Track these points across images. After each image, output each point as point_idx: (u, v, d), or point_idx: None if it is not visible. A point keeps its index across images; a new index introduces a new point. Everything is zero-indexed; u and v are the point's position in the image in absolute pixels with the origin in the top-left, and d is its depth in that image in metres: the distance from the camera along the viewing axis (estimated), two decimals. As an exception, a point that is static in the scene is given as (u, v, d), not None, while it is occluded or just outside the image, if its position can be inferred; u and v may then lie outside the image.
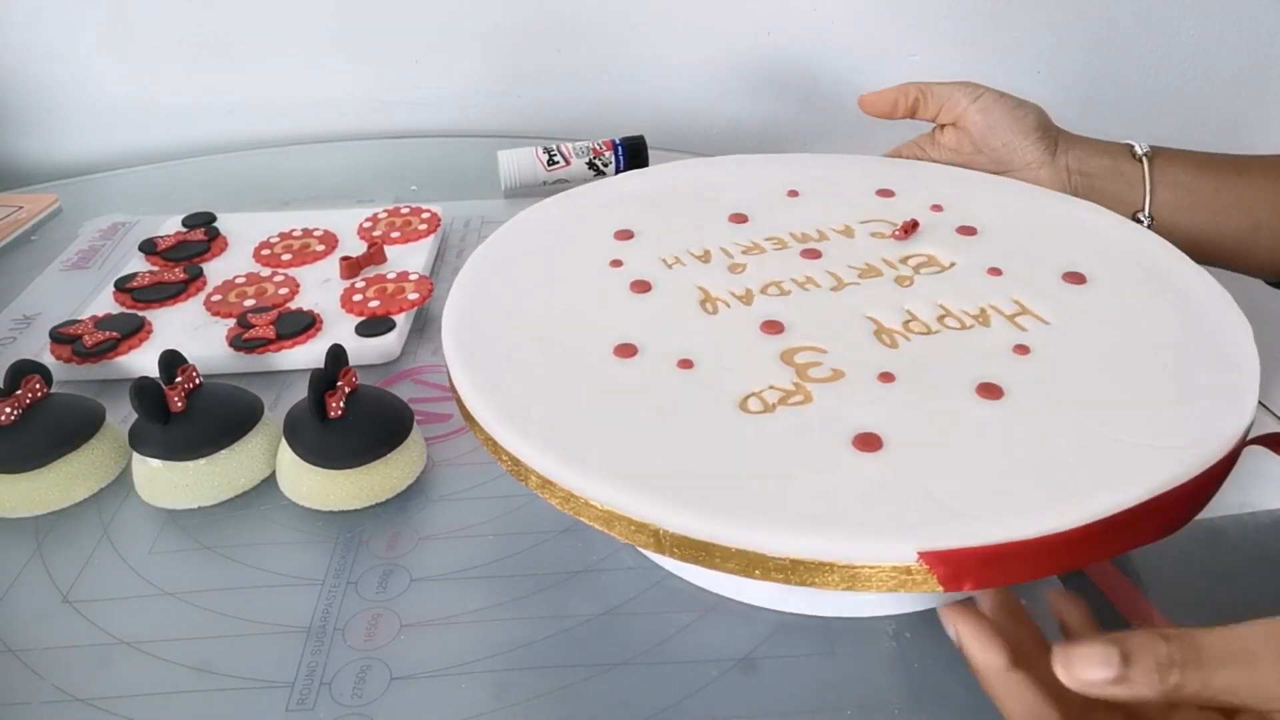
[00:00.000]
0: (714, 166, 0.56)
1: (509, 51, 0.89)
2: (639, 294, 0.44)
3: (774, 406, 0.36)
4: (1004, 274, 0.44)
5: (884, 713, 0.36)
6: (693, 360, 0.39)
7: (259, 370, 0.56)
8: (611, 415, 0.37)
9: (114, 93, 0.89)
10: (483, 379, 0.39)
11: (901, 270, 0.45)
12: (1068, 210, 0.50)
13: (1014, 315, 0.41)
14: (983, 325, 0.41)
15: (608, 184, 0.54)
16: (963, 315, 0.41)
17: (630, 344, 0.40)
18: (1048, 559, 0.32)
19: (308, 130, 0.91)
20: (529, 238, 0.49)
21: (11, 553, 0.45)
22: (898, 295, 0.43)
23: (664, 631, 0.40)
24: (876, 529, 0.31)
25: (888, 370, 0.38)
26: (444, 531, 0.45)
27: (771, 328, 0.41)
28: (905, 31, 0.87)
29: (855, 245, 0.47)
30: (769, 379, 0.38)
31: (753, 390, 0.37)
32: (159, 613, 0.41)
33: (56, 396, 0.48)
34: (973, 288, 0.43)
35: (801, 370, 0.38)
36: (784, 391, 0.37)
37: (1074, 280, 0.43)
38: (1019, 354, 0.39)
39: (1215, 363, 0.38)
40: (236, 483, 0.47)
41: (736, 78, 0.90)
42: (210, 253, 0.66)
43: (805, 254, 0.46)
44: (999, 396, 0.36)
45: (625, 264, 0.46)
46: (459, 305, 0.44)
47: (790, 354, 0.39)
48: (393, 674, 0.38)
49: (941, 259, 0.46)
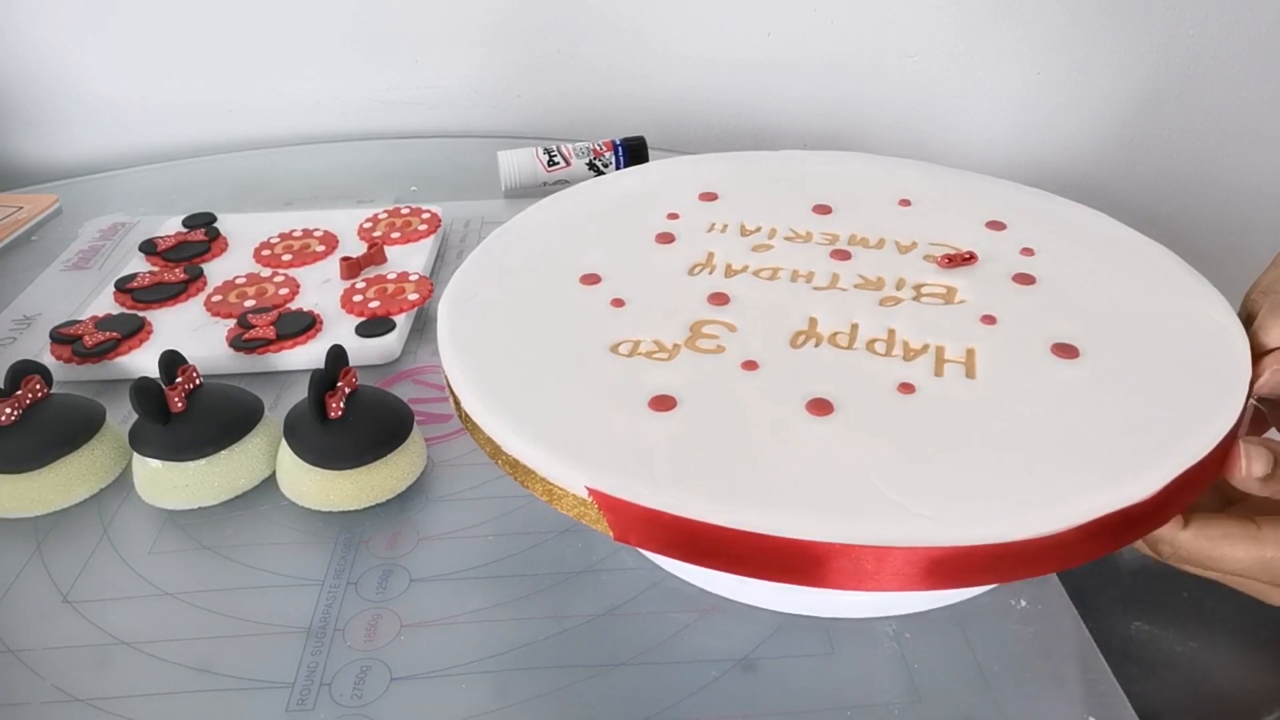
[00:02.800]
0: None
1: (509, 51, 0.89)
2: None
3: (634, 354, 0.39)
4: (996, 323, 0.41)
5: (884, 713, 0.36)
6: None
7: (259, 370, 0.56)
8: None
9: (114, 93, 0.89)
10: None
11: (902, 292, 0.43)
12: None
13: (949, 360, 0.38)
14: (904, 359, 0.39)
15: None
16: (902, 344, 0.39)
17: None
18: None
19: (308, 130, 0.92)
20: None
21: (11, 553, 0.45)
22: (865, 308, 0.41)
23: (664, 631, 0.40)
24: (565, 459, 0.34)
25: (752, 359, 0.38)
26: (444, 531, 0.45)
27: (718, 299, 0.42)
28: (905, 32, 0.87)
29: (888, 257, 0.45)
30: (659, 334, 0.40)
31: (635, 339, 0.39)
32: (159, 613, 0.41)
33: (56, 397, 0.48)
34: (942, 325, 0.40)
35: (694, 333, 0.40)
36: (659, 347, 0.39)
37: (1061, 353, 0.39)
38: (903, 392, 0.37)
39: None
40: (236, 483, 0.47)
41: (736, 78, 0.90)
42: (210, 253, 0.66)
43: (835, 254, 0.46)
44: (824, 413, 0.36)
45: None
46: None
47: (700, 325, 0.40)
48: (393, 674, 0.38)
49: (956, 294, 0.43)
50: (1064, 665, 0.38)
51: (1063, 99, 0.88)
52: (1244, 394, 0.36)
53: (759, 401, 0.36)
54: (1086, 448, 0.34)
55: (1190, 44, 0.85)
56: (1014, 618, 0.40)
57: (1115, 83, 0.88)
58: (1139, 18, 0.84)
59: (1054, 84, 0.88)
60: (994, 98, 0.89)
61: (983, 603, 0.40)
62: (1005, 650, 0.38)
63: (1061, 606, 0.40)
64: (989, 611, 0.40)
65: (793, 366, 0.38)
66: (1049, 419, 0.35)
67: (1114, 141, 0.90)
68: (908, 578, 0.31)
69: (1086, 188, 0.54)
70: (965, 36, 0.87)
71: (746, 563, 0.32)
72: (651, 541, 0.33)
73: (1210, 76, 0.86)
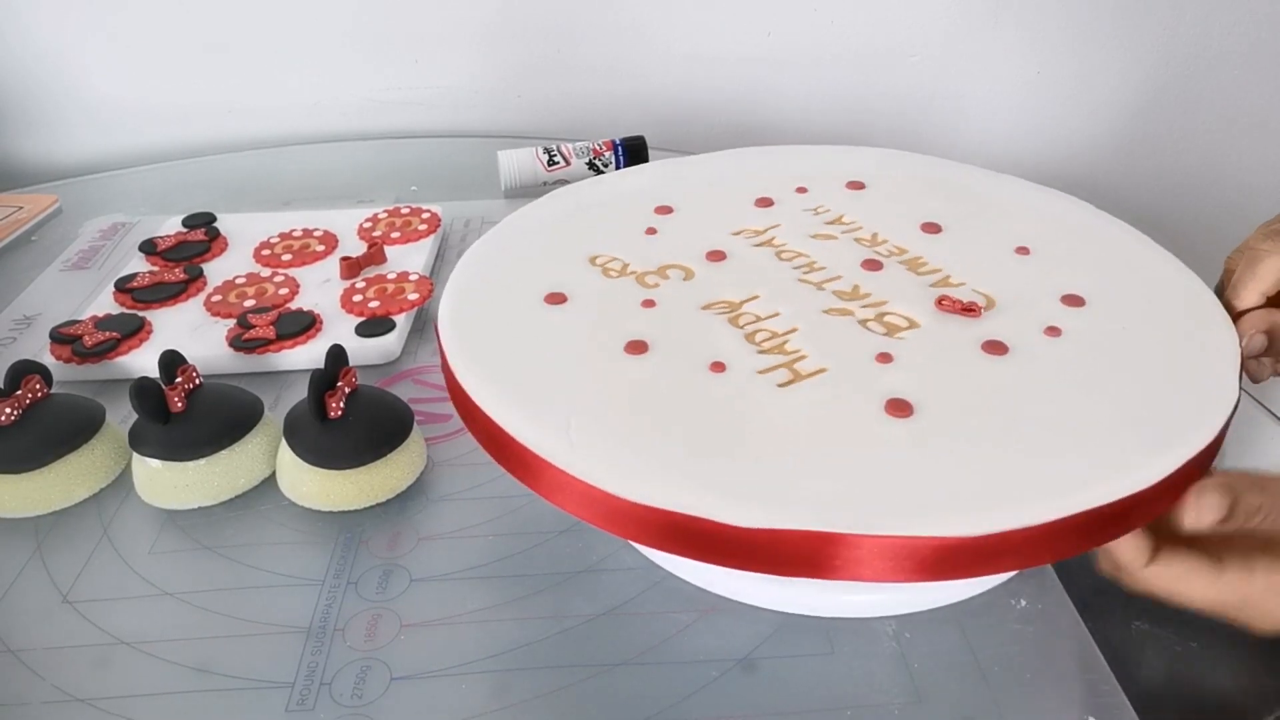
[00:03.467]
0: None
1: (509, 51, 0.89)
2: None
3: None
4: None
5: (884, 713, 0.36)
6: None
7: (259, 370, 0.56)
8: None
9: (114, 93, 0.89)
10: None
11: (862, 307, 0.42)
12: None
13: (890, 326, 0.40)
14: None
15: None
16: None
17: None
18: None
19: (308, 130, 0.92)
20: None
21: (11, 553, 0.45)
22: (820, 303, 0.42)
23: (664, 631, 0.40)
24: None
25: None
26: (444, 531, 0.45)
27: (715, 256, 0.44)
28: (905, 32, 0.87)
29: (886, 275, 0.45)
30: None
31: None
32: (159, 613, 0.41)
33: (56, 397, 0.48)
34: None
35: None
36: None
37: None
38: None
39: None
40: (236, 483, 0.47)
41: (737, 78, 0.90)
42: (210, 253, 0.66)
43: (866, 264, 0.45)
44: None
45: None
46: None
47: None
48: (393, 674, 0.38)
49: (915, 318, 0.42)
50: (1064, 665, 0.38)
51: (1063, 99, 0.88)
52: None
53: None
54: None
55: (1191, 43, 0.85)
56: (1014, 617, 0.40)
57: (1116, 82, 0.88)
58: (1140, 17, 0.84)
59: (1054, 83, 0.88)
60: (994, 97, 0.89)
61: (983, 602, 0.40)
62: (1005, 650, 0.38)
63: (1061, 606, 0.40)
64: (989, 611, 0.40)
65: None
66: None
67: (1114, 140, 0.90)
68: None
69: (1086, 186, 0.54)
70: (965, 36, 0.87)
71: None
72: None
73: (1211, 75, 0.86)
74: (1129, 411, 0.36)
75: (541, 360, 0.39)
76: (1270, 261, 0.41)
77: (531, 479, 0.36)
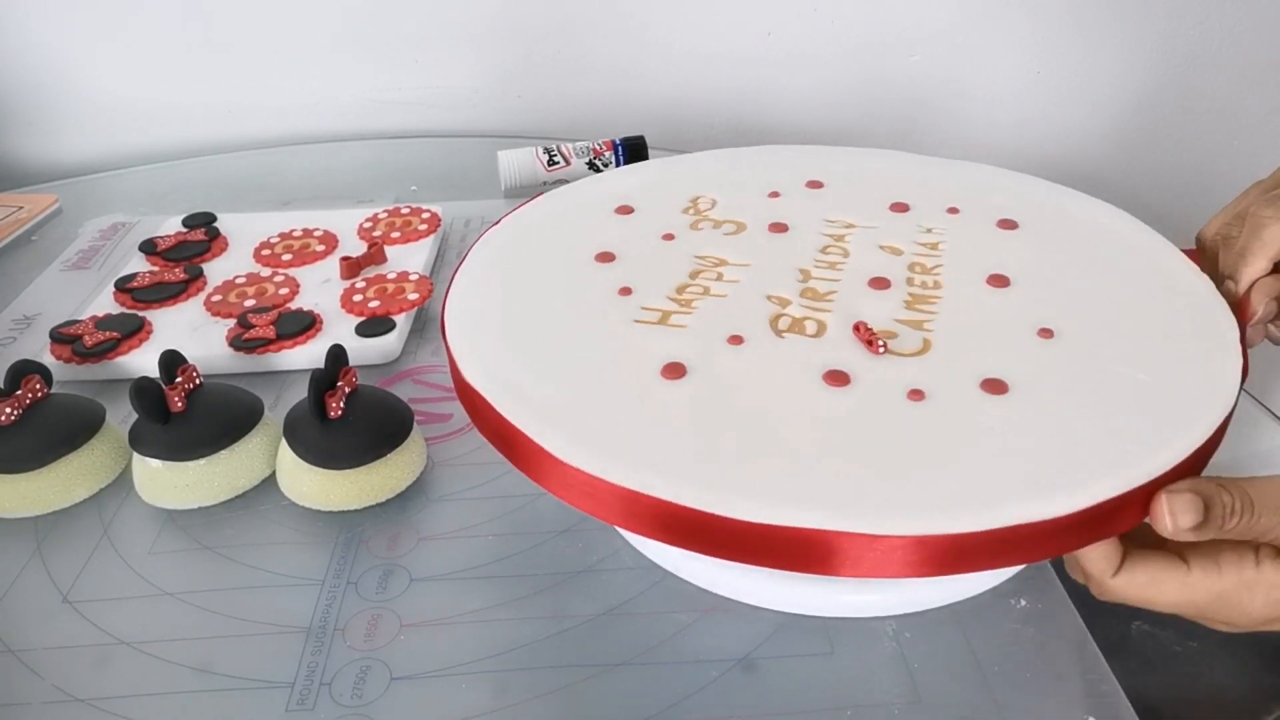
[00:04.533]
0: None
1: (509, 51, 0.89)
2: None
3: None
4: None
5: (884, 713, 0.36)
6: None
7: (259, 370, 0.56)
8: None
9: (114, 93, 0.89)
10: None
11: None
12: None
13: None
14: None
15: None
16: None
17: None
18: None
19: (308, 130, 0.92)
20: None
21: (11, 553, 0.45)
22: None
23: (664, 631, 0.40)
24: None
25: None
26: (444, 531, 0.45)
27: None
28: (905, 32, 0.87)
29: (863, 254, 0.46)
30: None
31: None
32: (159, 613, 0.41)
33: (56, 396, 0.48)
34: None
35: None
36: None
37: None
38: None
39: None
40: (236, 483, 0.47)
41: (736, 78, 0.90)
42: (210, 253, 0.66)
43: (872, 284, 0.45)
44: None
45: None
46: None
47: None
48: (393, 674, 0.38)
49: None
50: (1064, 665, 0.38)
51: (1064, 96, 0.88)
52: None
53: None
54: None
55: (1192, 38, 0.85)
56: (1014, 617, 0.40)
57: (1117, 77, 0.88)
58: (1141, 11, 0.84)
59: (1055, 82, 0.88)
60: (995, 95, 0.89)
61: (983, 602, 0.40)
62: (1005, 650, 0.38)
63: (1061, 606, 0.40)
64: (989, 611, 0.40)
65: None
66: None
67: (1116, 136, 0.90)
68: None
69: (1089, 182, 0.54)
70: (966, 34, 0.87)
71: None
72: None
73: (1213, 69, 0.86)
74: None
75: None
76: (1275, 228, 0.41)
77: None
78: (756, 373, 0.38)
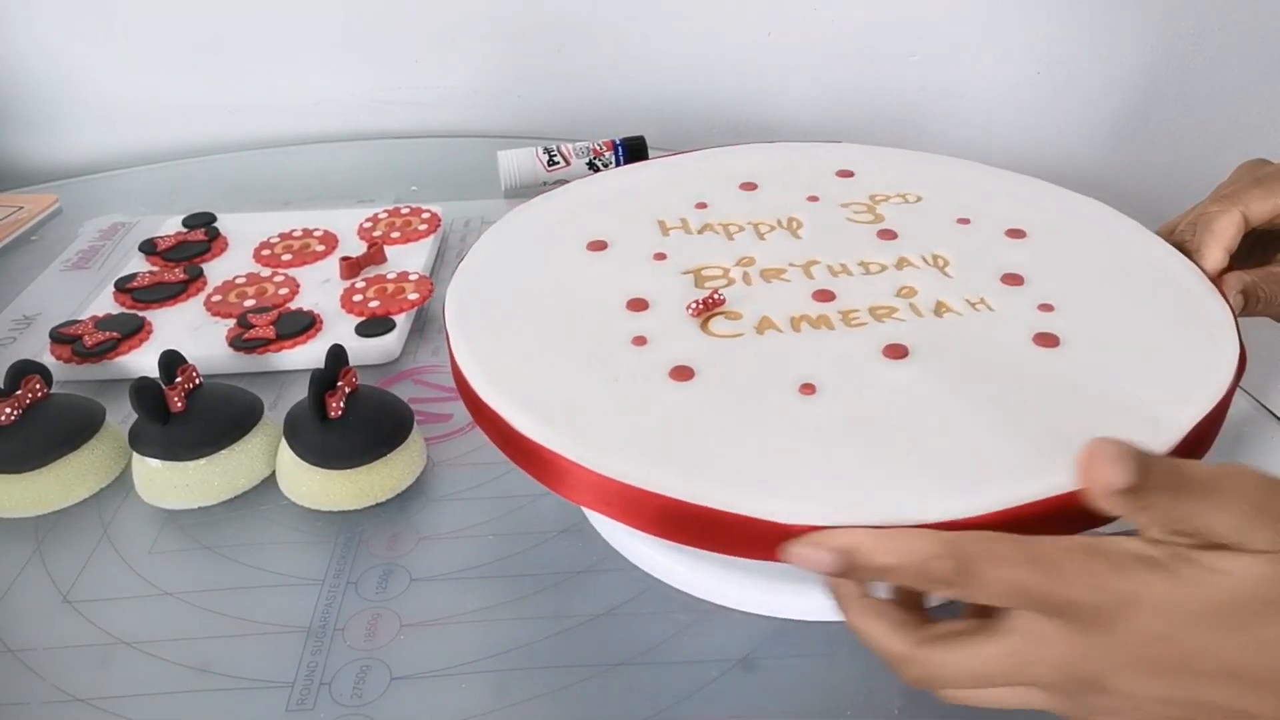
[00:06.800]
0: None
1: (509, 51, 0.89)
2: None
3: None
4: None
5: (884, 713, 0.36)
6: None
7: (259, 370, 0.56)
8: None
9: (114, 93, 0.89)
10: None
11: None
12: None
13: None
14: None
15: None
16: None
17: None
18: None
19: (308, 130, 0.91)
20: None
21: (11, 553, 0.45)
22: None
23: (664, 632, 0.40)
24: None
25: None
26: (444, 531, 0.45)
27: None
28: (906, 31, 0.87)
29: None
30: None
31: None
32: (159, 613, 0.41)
33: (56, 396, 0.48)
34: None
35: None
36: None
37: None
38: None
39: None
40: (236, 483, 0.47)
41: (736, 78, 0.90)
42: (210, 253, 0.66)
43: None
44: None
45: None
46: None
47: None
48: (393, 674, 0.38)
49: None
50: (1064, 665, 0.38)
51: (1063, 96, 0.88)
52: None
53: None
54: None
55: (1190, 39, 0.85)
56: (1014, 618, 0.39)
57: (1115, 84, 0.88)
58: (1139, 12, 0.84)
59: (1055, 81, 0.88)
60: (994, 95, 0.89)
61: (982, 603, 0.40)
62: (1005, 650, 0.38)
63: (1061, 606, 0.40)
64: (989, 611, 0.40)
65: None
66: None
67: (1115, 137, 0.90)
68: None
69: (1087, 183, 0.54)
70: (966, 35, 0.87)
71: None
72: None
73: (1213, 69, 0.86)
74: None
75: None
76: (1223, 219, 0.43)
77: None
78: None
